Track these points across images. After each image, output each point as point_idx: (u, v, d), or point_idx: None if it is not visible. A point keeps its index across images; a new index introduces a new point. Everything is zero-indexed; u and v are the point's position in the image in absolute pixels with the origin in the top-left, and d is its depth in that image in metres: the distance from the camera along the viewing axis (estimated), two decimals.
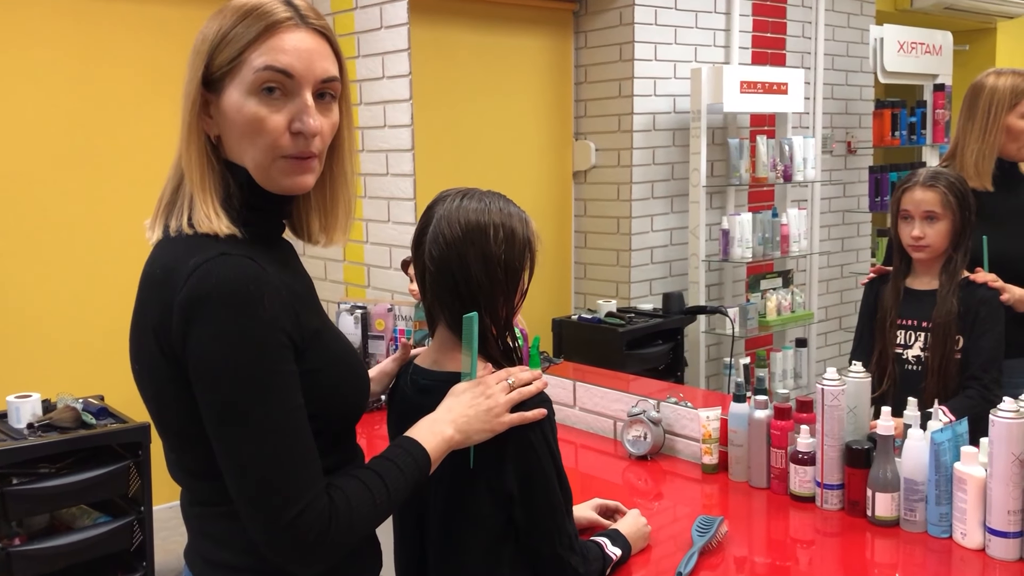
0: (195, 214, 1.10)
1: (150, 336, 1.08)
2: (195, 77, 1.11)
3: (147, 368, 1.12)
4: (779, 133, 4.32)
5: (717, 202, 4.20)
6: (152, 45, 3.39)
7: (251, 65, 1.08)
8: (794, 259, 4.38)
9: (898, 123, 4.66)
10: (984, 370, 2.01)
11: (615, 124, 4.05)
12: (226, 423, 1.04)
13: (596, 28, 4.09)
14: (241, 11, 1.10)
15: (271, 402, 1.04)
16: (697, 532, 1.65)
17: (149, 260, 1.13)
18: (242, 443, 1.04)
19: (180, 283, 1.04)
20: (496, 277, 1.36)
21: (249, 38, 1.08)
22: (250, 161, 1.12)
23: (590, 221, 4.16)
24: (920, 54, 4.76)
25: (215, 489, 1.11)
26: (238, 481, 1.05)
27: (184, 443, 1.13)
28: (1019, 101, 2.23)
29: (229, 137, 1.12)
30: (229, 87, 1.10)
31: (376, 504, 1.14)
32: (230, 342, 1.03)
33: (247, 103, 1.09)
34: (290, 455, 1.05)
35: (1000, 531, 1.55)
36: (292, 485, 1.05)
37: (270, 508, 1.04)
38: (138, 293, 1.14)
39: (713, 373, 4.23)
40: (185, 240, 1.09)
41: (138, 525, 2.65)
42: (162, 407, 1.13)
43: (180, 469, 1.17)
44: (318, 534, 1.06)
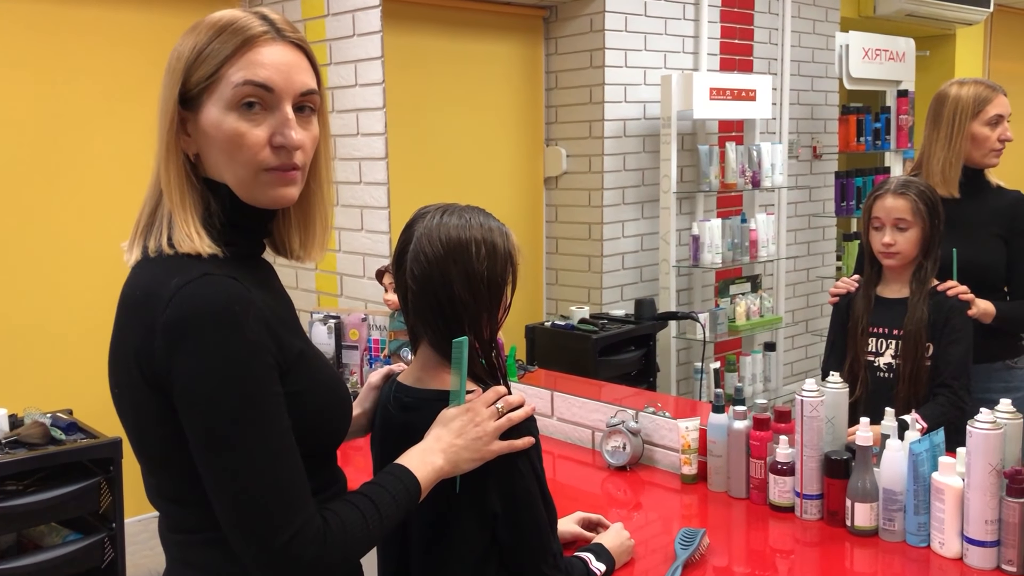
0: (175, 234, 1.08)
1: (131, 360, 1.06)
2: (171, 96, 1.09)
3: (128, 393, 1.09)
4: (747, 139, 4.37)
5: (687, 208, 4.23)
6: (118, 53, 3.34)
7: (229, 81, 1.07)
8: (762, 264, 4.43)
9: (863, 128, 4.73)
10: (955, 377, 2.04)
11: (586, 130, 4.06)
12: (214, 448, 1.02)
13: (567, 35, 4.09)
14: (216, 27, 1.09)
15: (259, 425, 1.03)
16: (680, 545, 1.66)
17: (128, 282, 1.11)
18: (231, 468, 1.02)
19: (162, 306, 1.02)
20: (479, 294, 1.35)
21: (226, 53, 1.07)
22: (232, 177, 1.11)
23: (562, 227, 4.17)
24: (884, 60, 4.83)
25: (198, 516, 1.09)
26: (228, 507, 1.03)
27: (166, 469, 1.11)
28: (982, 109, 2.28)
29: (209, 154, 1.11)
30: (207, 104, 1.08)
31: (369, 529, 1.13)
32: (216, 366, 1.01)
33: (226, 119, 1.08)
34: (280, 478, 1.04)
35: (977, 540, 1.57)
36: (284, 509, 1.03)
37: (262, 533, 1.02)
38: (117, 316, 1.11)
39: (683, 377, 4.26)
40: (166, 261, 1.07)
41: (109, 542, 2.61)
42: (143, 433, 1.10)
43: (160, 495, 1.15)
44: (312, 557, 1.04)
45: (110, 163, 3.33)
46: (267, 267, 1.24)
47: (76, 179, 3.31)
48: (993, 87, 2.31)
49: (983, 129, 2.27)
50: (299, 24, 3.44)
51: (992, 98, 2.29)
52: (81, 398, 3.09)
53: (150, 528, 3.31)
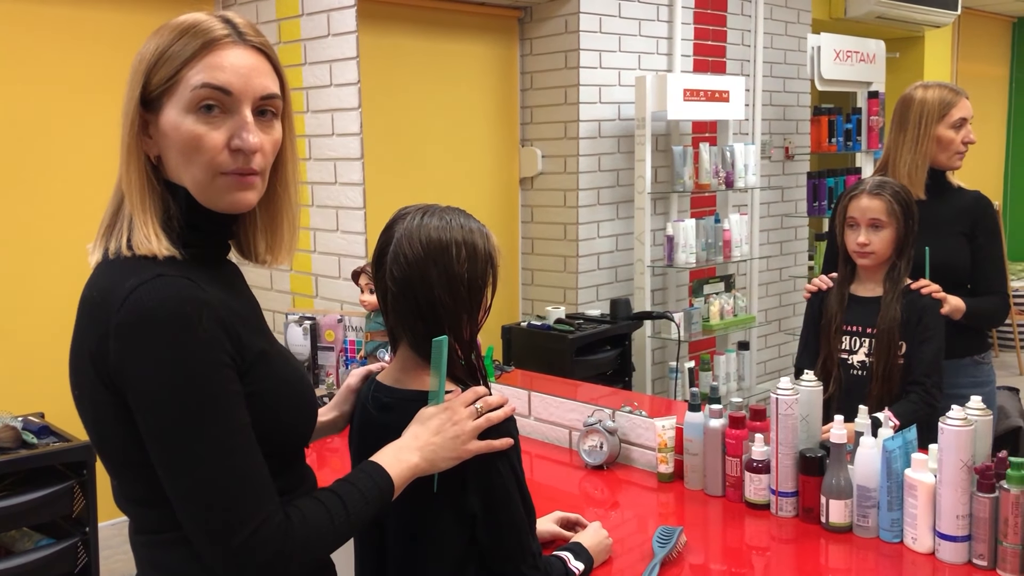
0: (134, 236, 1.09)
1: (88, 362, 1.06)
2: (133, 97, 1.09)
3: (87, 395, 1.09)
4: (721, 140, 4.40)
5: (661, 208, 4.26)
6: (86, 51, 3.30)
7: (188, 83, 1.08)
8: (736, 264, 4.46)
9: (834, 129, 4.78)
10: (927, 375, 2.07)
11: (561, 131, 4.07)
12: (168, 448, 1.02)
13: (541, 35, 4.10)
14: (178, 29, 1.09)
15: (213, 423, 1.03)
16: (658, 543, 1.67)
17: (88, 283, 1.11)
18: (188, 468, 1.02)
19: (116, 307, 1.02)
20: (460, 295, 1.35)
21: (186, 56, 1.08)
22: (190, 180, 1.11)
23: (537, 228, 4.18)
24: (855, 62, 4.89)
25: (162, 517, 1.09)
26: (186, 506, 1.04)
27: (128, 471, 1.10)
28: (947, 112, 2.32)
29: (168, 156, 1.11)
30: (167, 106, 1.09)
31: (334, 526, 1.12)
32: (167, 365, 1.01)
33: (185, 121, 1.08)
34: (238, 476, 1.04)
35: (949, 535, 1.60)
36: (242, 506, 1.03)
37: (220, 531, 1.02)
38: (77, 318, 1.11)
39: (659, 377, 4.29)
40: (123, 263, 1.08)
41: (83, 547, 2.58)
42: (103, 435, 1.10)
43: (124, 498, 1.14)
44: (273, 554, 1.04)
45: (79, 164, 3.29)
46: (232, 268, 1.24)
47: (45, 180, 3.27)
48: (957, 91, 2.35)
49: (948, 132, 2.32)
50: (273, 24, 3.42)
51: (956, 102, 2.33)
52: (53, 401, 3.05)
53: (124, 532, 3.26)
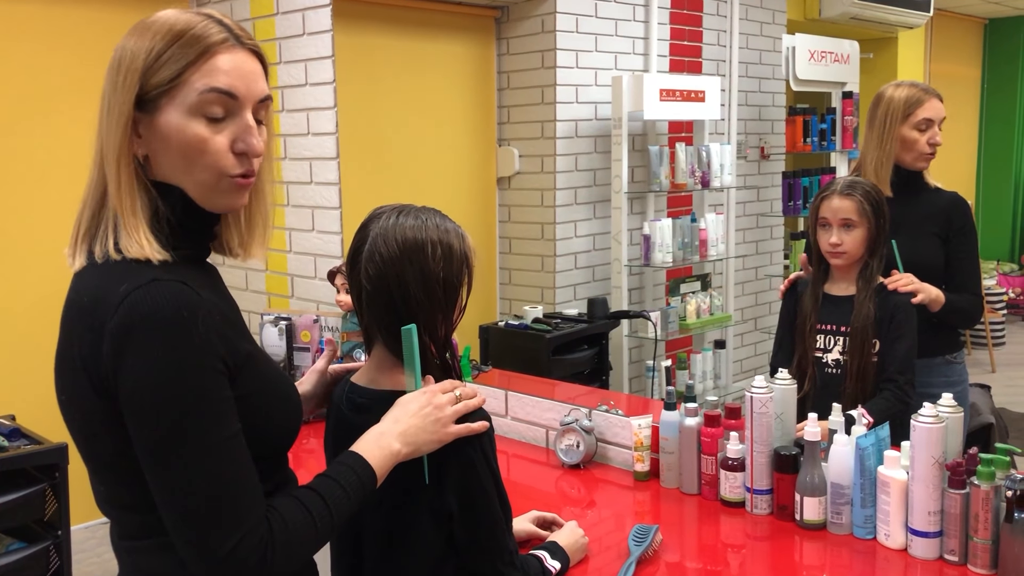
0: (122, 239, 1.07)
1: (78, 367, 1.05)
2: (126, 98, 1.07)
3: (75, 400, 1.08)
4: (697, 140, 4.42)
5: (638, 208, 4.27)
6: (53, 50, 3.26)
7: (193, 86, 1.07)
8: (712, 263, 4.49)
9: (809, 129, 4.82)
10: (900, 372, 2.09)
11: (538, 131, 4.07)
12: (159, 455, 1.01)
13: (518, 35, 4.10)
14: (173, 31, 1.07)
15: (205, 431, 1.02)
16: (633, 541, 1.67)
17: (74, 288, 1.09)
18: (177, 475, 1.01)
19: (110, 311, 1.01)
20: (435, 295, 1.35)
21: (189, 59, 1.07)
22: (191, 182, 1.10)
23: (514, 227, 4.18)
24: (829, 63, 4.93)
25: (147, 523, 1.08)
26: (173, 514, 1.03)
27: (116, 476, 1.09)
28: (911, 112, 2.32)
29: (164, 158, 1.09)
30: (166, 107, 1.07)
31: (316, 527, 1.12)
32: (163, 371, 1.00)
33: (189, 124, 1.07)
34: (225, 486, 1.03)
35: (921, 531, 1.61)
36: (230, 515, 1.02)
37: (207, 541, 1.02)
38: (63, 322, 1.09)
39: (636, 376, 4.30)
40: (113, 266, 1.06)
41: (55, 550, 2.55)
42: (91, 440, 1.09)
43: (110, 503, 1.13)
44: (258, 562, 1.04)
45: (50, 164, 3.26)
46: (212, 270, 1.23)
47: (13, 181, 3.23)
48: (927, 91, 2.34)
49: (912, 132, 2.32)
50: (248, 23, 3.40)
51: (923, 102, 2.32)
52: (24, 404, 3.02)
53: (98, 535, 3.24)
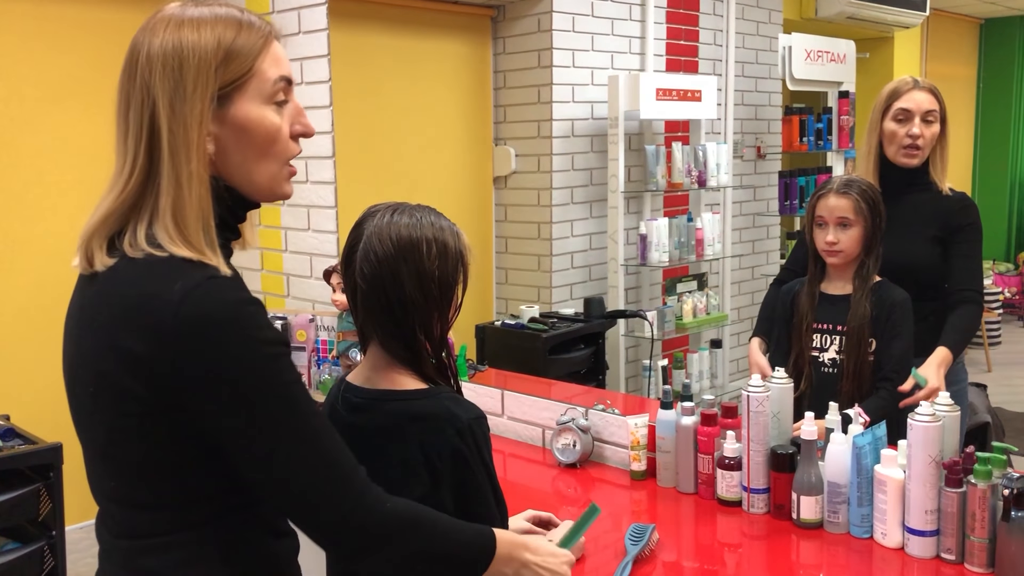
0: (164, 236, 1.04)
1: (114, 362, 1.03)
2: (204, 94, 1.05)
3: (105, 398, 1.05)
4: (693, 139, 4.41)
5: (634, 207, 4.27)
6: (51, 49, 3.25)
7: (266, 76, 1.08)
8: (708, 262, 4.48)
9: (806, 129, 4.82)
10: (896, 372, 2.09)
11: (534, 130, 4.07)
12: (267, 439, 1.04)
13: (514, 34, 4.10)
14: (233, 22, 1.08)
15: (299, 410, 1.06)
16: (630, 541, 1.67)
17: (112, 282, 1.05)
18: (290, 452, 1.05)
19: (169, 310, 1.00)
20: (430, 294, 1.35)
21: (256, 49, 1.08)
22: (262, 172, 1.11)
23: (511, 227, 4.17)
24: (826, 62, 4.93)
25: (158, 520, 1.08)
26: (294, 488, 1.06)
27: (139, 473, 1.07)
28: (890, 103, 2.29)
29: (236, 151, 1.09)
30: (240, 100, 1.08)
31: (426, 523, 1.19)
32: (245, 363, 1.02)
33: (267, 114, 1.09)
34: (333, 452, 1.08)
35: (918, 530, 1.61)
36: (345, 477, 1.09)
37: (332, 499, 1.07)
38: (89, 318, 1.07)
39: (632, 375, 4.30)
40: (158, 264, 1.03)
41: (49, 550, 2.54)
42: (120, 438, 1.07)
43: (120, 501, 1.11)
44: (379, 516, 1.11)
45: (46, 164, 3.24)
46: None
47: (6, 183, 3.21)
48: (912, 82, 2.28)
49: (890, 124, 2.27)
50: None
51: (902, 92, 2.27)
52: (18, 403, 3.01)
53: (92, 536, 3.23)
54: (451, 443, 1.31)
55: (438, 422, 1.31)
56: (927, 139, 2.25)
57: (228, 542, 1.10)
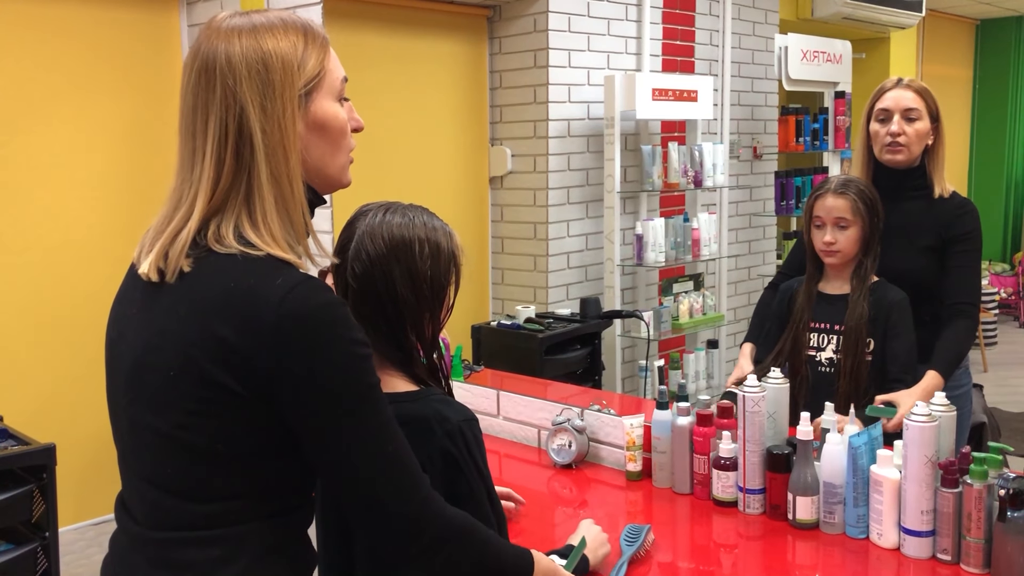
0: (256, 234, 1.08)
1: (208, 351, 1.04)
2: (291, 95, 1.11)
3: (186, 382, 1.06)
4: (689, 139, 4.42)
5: (630, 207, 4.26)
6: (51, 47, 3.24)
7: (334, 74, 1.16)
8: (705, 262, 4.48)
9: (802, 129, 4.82)
10: (905, 372, 2.09)
11: (531, 130, 4.06)
12: (359, 434, 1.08)
13: (510, 34, 4.09)
14: (299, 27, 1.14)
15: (382, 408, 1.11)
16: (625, 541, 1.66)
17: (205, 275, 1.07)
18: (377, 447, 1.09)
19: (272, 304, 1.03)
20: (422, 294, 1.34)
21: (323, 51, 1.15)
22: (335, 165, 1.18)
23: (507, 227, 4.17)
24: (822, 62, 4.93)
25: (198, 513, 1.08)
26: (377, 479, 1.10)
27: (208, 462, 1.08)
28: (873, 104, 2.29)
29: (316, 146, 1.15)
30: (317, 98, 1.14)
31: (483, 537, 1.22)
32: (345, 361, 1.06)
33: (339, 110, 1.17)
34: (408, 450, 1.13)
35: (914, 531, 1.60)
36: (418, 474, 1.14)
37: (409, 492, 1.11)
38: (180, 306, 1.07)
39: (628, 375, 4.30)
40: (256, 260, 1.06)
41: (42, 552, 2.53)
42: (194, 426, 1.07)
43: (168, 489, 1.10)
44: (443, 516, 1.16)
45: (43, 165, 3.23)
46: None
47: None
48: (894, 82, 2.27)
49: (873, 125, 2.27)
50: None
51: (884, 91, 2.27)
52: (11, 404, 3.00)
53: (86, 536, 3.22)
54: (440, 446, 1.30)
55: (427, 424, 1.30)
56: (910, 136, 2.23)
57: (268, 547, 1.11)
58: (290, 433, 1.08)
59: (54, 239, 3.16)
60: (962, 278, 2.22)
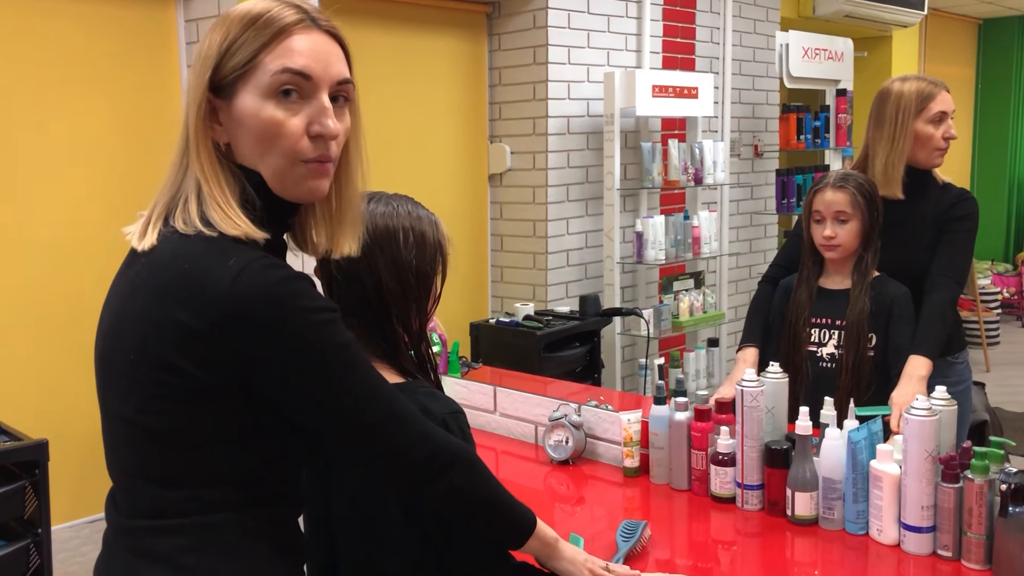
0: (214, 215, 1.06)
1: (164, 335, 1.02)
2: (200, 83, 1.07)
3: (146, 367, 1.04)
4: (689, 137, 4.40)
5: (630, 205, 4.24)
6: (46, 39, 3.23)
7: (266, 68, 1.06)
8: (705, 260, 4.46)
9: (803, 127, 4.80)
10: None
11: (530, 127, 4.04)
12: (331, 394, 1.08)
13: (510, 31, 4.07)
14: (248, 17, 1.07)
15: (360, 362, 1.10)
16: (621, 537, 1.64)
17: (163, 255, 1.05)
18: (358, 401, 1.09)
19: (224, 284, 1.00)
20: (408, 284, 1.32)
21: (262, 41, 1.07)
22: (267, 168, 1.09)
23: (506, 224, 4.15)
24: (823, 60, 4.91)
25: (179, 500, 1.06)
26: (368, 430, 1.11)
27: (172, 448, 1.06)
28: (925, 106, 2.20)
29: (243, 143, 1.09)
30: (242, 92, 1.07)
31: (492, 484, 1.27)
32: (302, 331, 1.04)
33: (264, 107, 1.06)
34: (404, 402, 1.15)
35: (914, 526, 1.58)
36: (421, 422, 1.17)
37: (409, 423, 1.14)
38: (141, 288, 1.06)
39: (628, 374, 4.27)
40: (210, 240, 1.04)
41: (35, 548, 2.50)
42: (155, 411, 1.05)
43: (143, 476, 1.09)
44: (461, 454, 1.21)
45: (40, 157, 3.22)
46: None
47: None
48: (935, 83, 2.23)
49: (927, 127, 2.20)
50: None
51: (935, 94, 2.21)
52: (6, 401, 2.98)
53: (81, 535, 3.20)
54: None
55: None
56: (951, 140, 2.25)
57: (240, 536, 1.08)
58: (260, 417, 1.07)
59: (49, 234, 3.15)
60: (948, 254, 2.17)
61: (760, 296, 2.40)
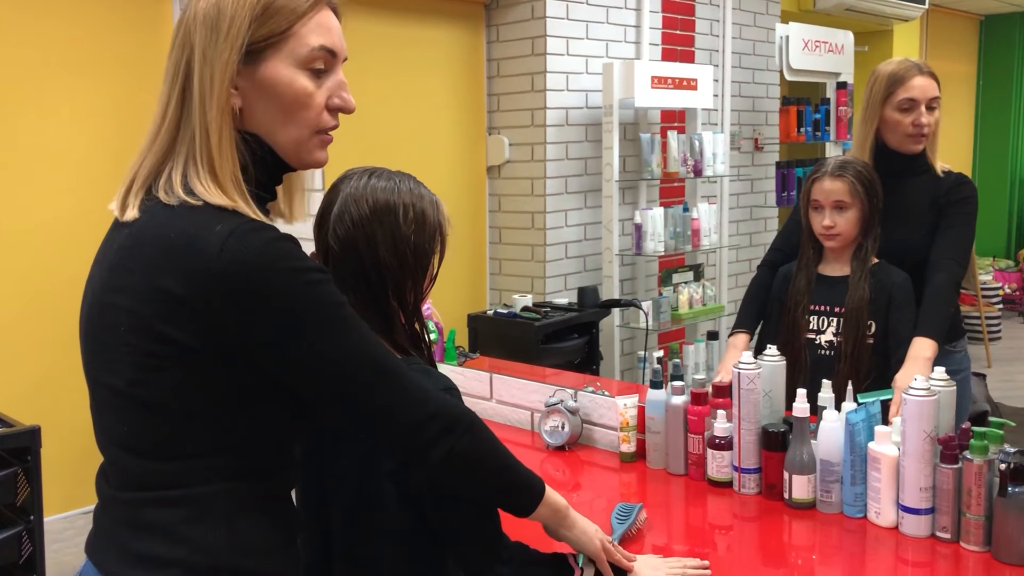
0: (198, 185, 1.04)
1: (155, 305, 1.01)
2: (232, 46, 1.05)
3: (137, 337, 1.03)
4: (689, 129, 4.38)
5: (629, 197, 4.23)
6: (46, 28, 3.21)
7: (305, 41, 1.08)
8: (704, 253, 4.44)
9: (803, 120, 4.78)
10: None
11: (528, 119, 4.03)
12: (327, 356, 1.06)
13: (508, 22, 4.06)
14: None
15: (354, 323, 1.08)
16: (617, 520, 1.62)
17: (149, 226, 1.04)
18: (354, 362, 1.07)
19: (210, 253, 0.99)
20: (405, 259, 1.31)
21: (301, 11, 1.08)
22: (285, 136, 1.10)
23: (505, 216, 4.13)
24: (823, 53, 4.89)
25: (174, 471, 1.05)
26: (367, 392, 1.09)
27: (165, 419, 1.05)
28: (892, 91, 2.16)
29: (262, 110, 1.09)
30: (272, 59, 1.07)
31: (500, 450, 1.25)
32: (291, 293, 1.02)
33: (298, 77, 1.08)
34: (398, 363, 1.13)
35: (912, 508, 1.56)
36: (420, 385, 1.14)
37: (423, 403, 1.12)
38: (128, 260, 1.05)
39: (628, 367, 4.25)
40: (195, 210, 1.03)
41: (27, 535, 2.49)
42: (147, 383, 1.04)
43: (135, 448, 1.08)
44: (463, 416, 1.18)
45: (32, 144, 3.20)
46: None
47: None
48: (913, 67, 2.17)
49: (893, 114, 2.17)
50: None
51: (906, 79, 2.15)
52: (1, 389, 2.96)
53: (76, 525, 3.19)
54: None
55: None
56: (932, 126, 2.17)
57: (235, 507, 1.07)
58: (253, 386, 1.05)
59: (41, 220, 3.13)
60: (949, 236, 2.15)
61: (758, 281, 2.37)
